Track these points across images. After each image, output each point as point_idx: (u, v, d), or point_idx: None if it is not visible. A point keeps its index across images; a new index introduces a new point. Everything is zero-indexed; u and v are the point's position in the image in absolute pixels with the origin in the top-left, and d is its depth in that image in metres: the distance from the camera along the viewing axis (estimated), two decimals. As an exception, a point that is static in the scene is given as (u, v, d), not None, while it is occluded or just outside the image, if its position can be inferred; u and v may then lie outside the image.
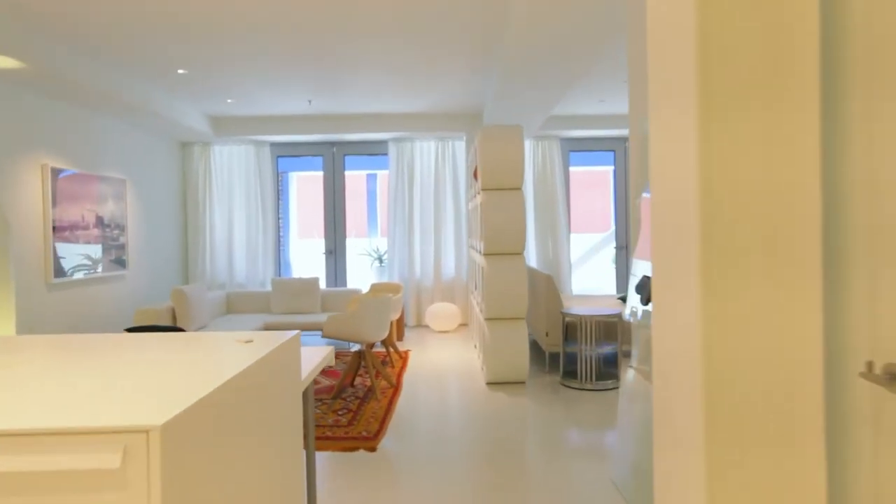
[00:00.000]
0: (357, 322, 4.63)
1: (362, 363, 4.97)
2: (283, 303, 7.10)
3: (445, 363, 5.97)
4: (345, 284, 8.40)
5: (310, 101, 6.74)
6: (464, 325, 8.11)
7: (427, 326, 7.93)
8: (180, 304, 5.82)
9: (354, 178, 8.43)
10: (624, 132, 7.83)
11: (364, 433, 3.91)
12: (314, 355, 2.77)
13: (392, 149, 8.13)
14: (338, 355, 6.33)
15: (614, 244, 8.64)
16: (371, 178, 10.65)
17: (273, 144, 8.28)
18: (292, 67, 5.42)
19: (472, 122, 7.70)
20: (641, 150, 2.94)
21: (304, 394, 2.46)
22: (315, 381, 5.26)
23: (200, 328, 6.09)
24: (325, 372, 5.59)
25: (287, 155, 8.44)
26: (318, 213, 11.70)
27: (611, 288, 8.81)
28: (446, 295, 8.16)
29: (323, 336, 4.78)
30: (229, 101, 6.64)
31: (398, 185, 8.13)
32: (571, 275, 8.23)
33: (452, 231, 8.15)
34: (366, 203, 10.58)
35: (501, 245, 4.95)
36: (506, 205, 4.91)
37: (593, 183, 11.06)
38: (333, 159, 8.34)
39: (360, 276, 9.63)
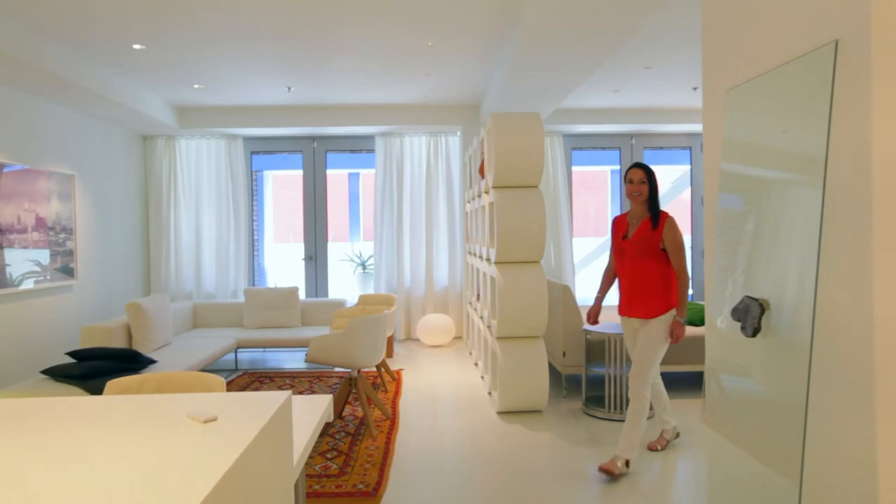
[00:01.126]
0: (348, 344, 3.88)
1: (353, 391, 4.20)
2: (257, 316, 6.30)
3: (445, 386, 5.24)
4: (326, 294, 7.62)
5: (289, 89, 5.97)
6: (458, 338, 7.39)
7: (418, 340, 7.20)
8: (137, 319, 4.99)
9: (335, 178, 7.65)
10: (636, 128, 7.20)
11: (361, 486, 3.16)
12: (305, 413, 2.03)
13: (379, 144, 7.38)
14: (320, 376, 5.55)
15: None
16: (353, 178, 9.88)
17: (247, 139, 7.46)
18: (269, 48, 4.65)
19: (468, 114, 7.00)
20: (731, 142, 2.26)
21: (296, 485, 1.72)
22: (296, 412, 4.48)
23: (162, 347, 5.26)
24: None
25: (262, 151, 7.62)
26: (295, 216, 10.88)
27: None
28: (439, 305, 7.43)
29: (307, 361, 4.02)
30: (197, 86, 5.82)
31: (386, 185, 7.39)
32: (575, 284, 7.57)
33: (446, 235, 7.43)
34: (347, 204, 9.81)
35: (517, 252, 4.24)
36: (523, 205, 4.21)
37: (589, 183, 10.44)
38: (314, 155, 7.55)
39: (343, 284, 8.84)
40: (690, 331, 4.85)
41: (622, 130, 7.38)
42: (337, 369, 5.85)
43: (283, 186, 10.50)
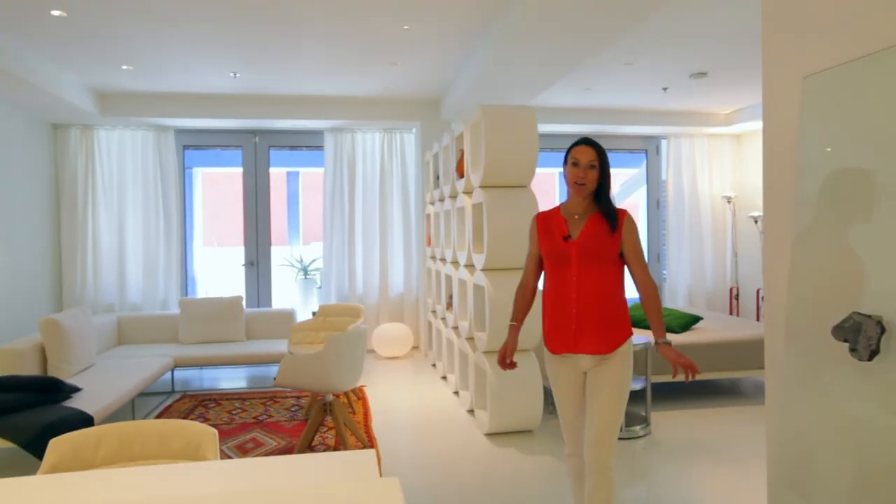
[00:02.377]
0: (324, 365, 3.36)
1: (327, 417, 3.68)
2: (195, 330, 5.58)
3: (416, 404, 4.78)
4: (269, 303, 6.95)
5: (235, 75, 5.31)
6: (415, 348, 6.94)
7: (373, 351, 6.69)
8: (53, 339, 4.22)
9: (272, 177, 6.99)
10: (603, 128, 7.02)
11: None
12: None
13: (329, 140, 6.81)
14: (273, 397, 4.94)
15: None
16: (292, 177, 9.20)
17: (179, 131, 6.67)
18: (217, 25, 4.03)
19: (427, 110, 6.57)
20: (811, 122, 1.99)
21: None
22: (255, 442, 3.90)
23: (84, 370, 4.48)
24: (268, 425, 4.23)
25: (197, 145, 6.85)
26: (227, 218, 9.99)
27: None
28: (394, 314, 6.95)
29: (275, 385, 3.46)
30: (125, 67, 5.05)
31: (336, 184, 6.83)
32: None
33: (401, 239, 6.96)
34: (286, 205, 9.11)
35: (508, 258, 3.87)
36: (515, 206, 3.84)
37: (535, 187, 10.22)
38: (256, 151, 6.87)
39: (283, 291, 8.16)
40: (675, 338, 4.67)
41: (581, 131, 7.20)
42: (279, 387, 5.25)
43: (212, 185, 9.65)
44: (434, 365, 5.96)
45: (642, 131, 7.30)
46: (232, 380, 5.79)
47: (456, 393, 4.93)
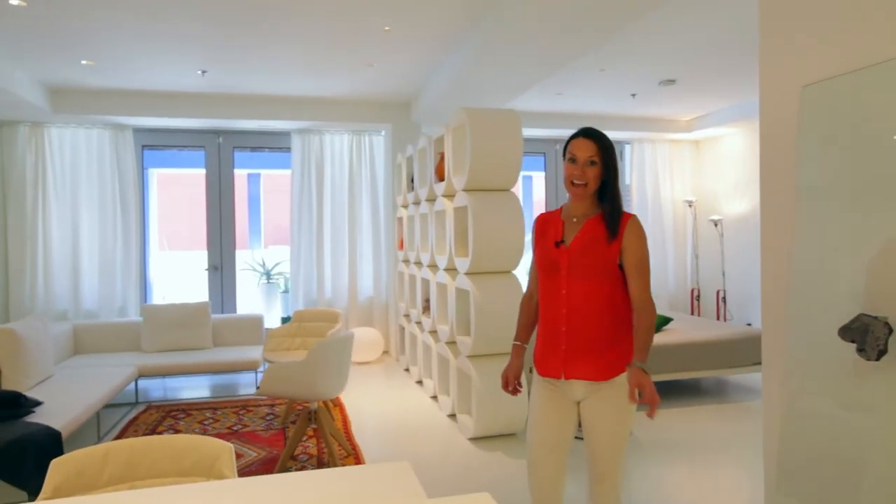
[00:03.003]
0: (310, 373, 3.26)
1: (311, 425, 3.58)
2: (159, 337, 5.35)
3: (395, 410, 4.72)
4: (234, 309, 6.74)
5: (203, 73, 5.13)
6: (386, 352, 6.85)
7: (343, 357, 6.54)
8: (10, 350, 3.97)
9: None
10: (570, 133, 7.12)
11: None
12: None
13: (296, 142, 6.66)
14: (246, 405, 4.78)
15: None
16: (253, 179, 8.96)
17: (138, 130, 6.39)
18: (188, 20, 3.88)
19: (397, 112, 6.51)
20: (809, 125, 2.06)
21: None
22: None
23: (42, 382, 4.23)
24: (245, 435, 4.08)
25: (157, 145, 6.58)
26: (185, 220, 9.63)
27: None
28: (363, 318, 6.85)
29: (259, 394, 3.34)
30: (85, 62, 4.80)
31: (304, 187, 6.68)
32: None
33: (370, 242, 6.87)
34: (247, 208, 8.87)
35: (493, 262, 3.87)
36: (500, 210, 3.84)
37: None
38: (219, 152, 6.66)
39: (247, 296, 7.92)
40: (668, 338, 4.75)
41: (550, 136, 7.30)
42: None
43: (168, 186, 9.31)
44: (407, 369, 5.90)
45: (609, 136, 7.43)
46: (196, 389, 5.57)
47: (434, 397, 4.89)
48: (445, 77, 5.02)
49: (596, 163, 1.98)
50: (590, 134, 2.03)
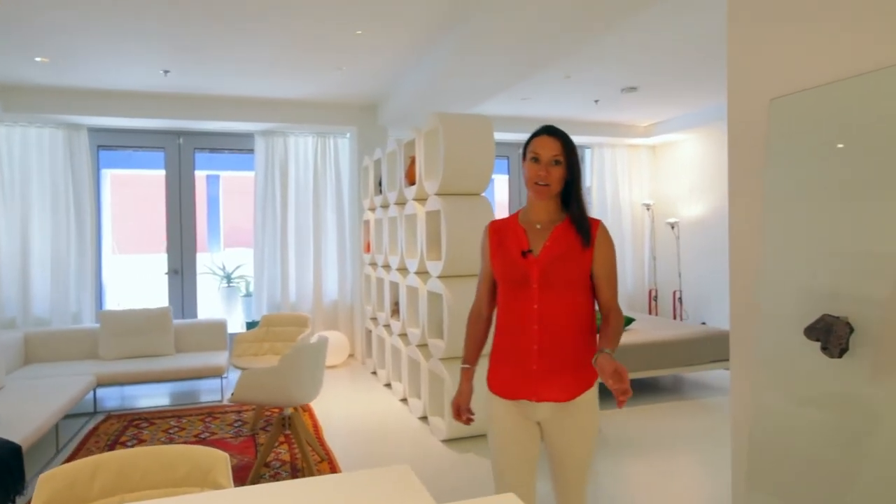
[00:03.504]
0: (285, 378, 3.24)
1: (284, 431, 3.55)
2: (118, 344, 5.20)
3: (364, 414, 4.71)
4: (195, 314, 6.58)
5: (166, 73, 5.00)
6: (351, 356, 6.82)
7: (308, 361, 6.48)
8: (-37, 360, 3.78)
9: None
10: (522, 137, 7.23)
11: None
12: None
13: (260, 143, 6.57)
14: (212, 412, 4.68)
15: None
16: (212, 180, 8.77)
17: (93, 130, 6.18)
18: (153, 18, 3.78)
19: (363, 115, 6.50)
20: (781, 128, 2.18)
21: None
22: (205, 463, 3.68)
23: (-4, 394, 4.05)
24: (214, 443, 3.99)
25: (113, 145, 6.38)
26: (141, 223, 9.32)
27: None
28: (328, 322, 6.80)
29: (232, 401, 3.30)
30: (39, 59, 4.62)
31: (267, 189, 6.59)
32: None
33: (335, 245, 6.83)
34: (206, 210, 8.67)
35: (467, 266, 3.92)
36: (472, 214, 3.90)
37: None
38: (180, 153, 6.50)
39: (207, 300, 7.75)
40: (631, 338, 4.89)
41: (515, 139, 7.41)
42: (227, 402, 5.00)
43: (122, 188, 9.01)
44: (375, 373, 5.90)
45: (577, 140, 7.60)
46: (156, 396, 5.42)
47: (404, 400, 4.91)
48: (414, 81, 5.05)
49: (560, 162, 1.82)
50: (553, 132, 1.86)
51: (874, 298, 1.84)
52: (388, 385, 5.37)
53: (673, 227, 7.53)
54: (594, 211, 7.79)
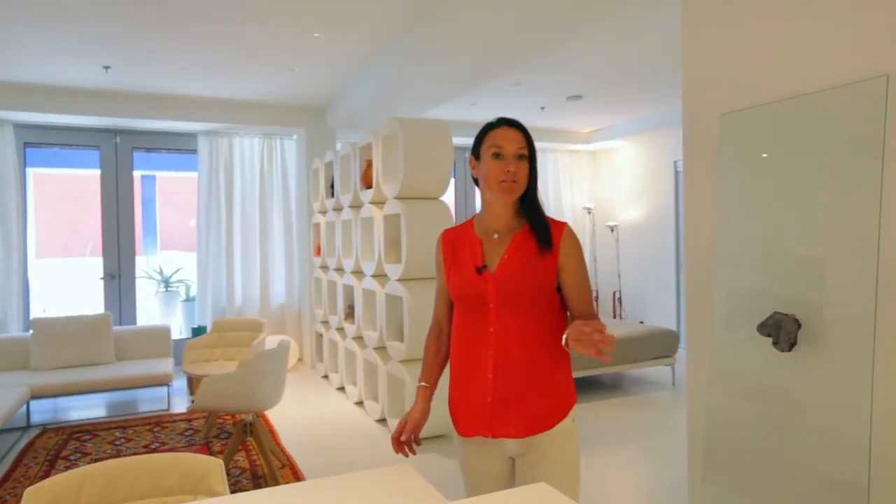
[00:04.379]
0: (249, 384, 3.19)
1: (246, 437, 3.49)
2: (53, 354, 4.93)
3: (319, 418, 4.68)
4: (133, 320, 6.31)
5: (107, 69, 4.79)
6: (300, 360, 6.73)
7: (255, 367, 6.34)
8: None
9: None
10: (470, 141, 7.36)
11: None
12: None
13: (203, 144, 6.38)
14: (160, 422, 4.51)
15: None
16: (147, 181, 8.41)
17: (20, 126, 5.82)
18: (93, 12, 3.63)
19: (312, 117, 6.43)
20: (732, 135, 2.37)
21: None
22: (159, 474, 3.56)
23: (-79, 409, 3.76)
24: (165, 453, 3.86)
25: (42, 143, 6.02)
26: (68, 224, 8.79)
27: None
28: (276, 326, 6.68)
29: (192, 409, 3.21)
30: (-33, 51, 4.33)
31: (211, 191, 6.41)
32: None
33: (282, 248, 6.72)
34: (140, 212, 8.30)
35: (426, 269, 3.97)
36: (432, 218, 3.96)
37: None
38: (116, 153, 6.22)
39: (144, 305, 7.43)
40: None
41: (461, 143, 7.51)
42: (177, 410, 4.84)
43: (45, 186, 8.49)
44: (326, 376, 5.85)
45: (514, 146, 7.80)
46: (92, 408, 5.16)
47: (360, 403, 4.90)
48: (366, 85, 5.06)
49: (525, 157, 1.58)
50: (514, 123, 1.61)
51: (818, 296, 2.04)
52: (342, 389, 5.35)
53: (612, 230, 7.85)
54: (538, 214, 7.99)
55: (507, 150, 1.57)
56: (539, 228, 1.60)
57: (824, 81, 2.01)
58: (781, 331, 2.14)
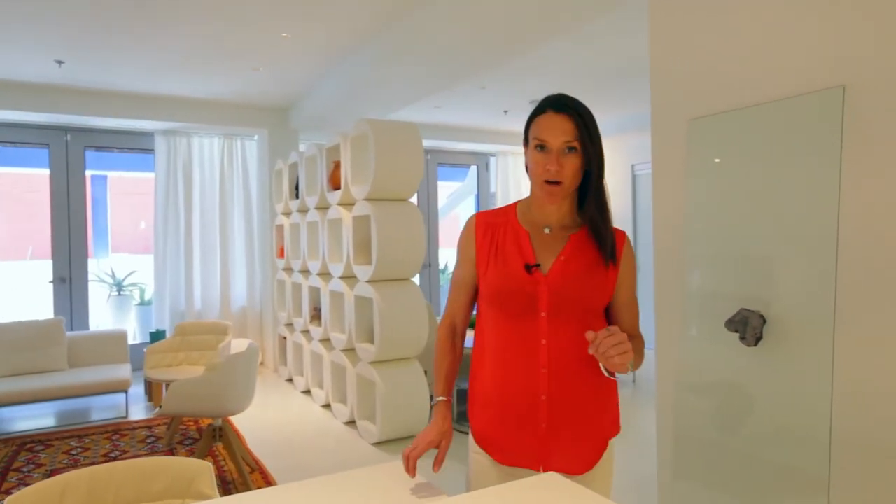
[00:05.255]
0: (219, 388, 3.14)
1: (216, 442, 3.43)
2: (2, 361, 4.69)
3: (285, 422, 4.61)
4: (86, 325, 6.08)
5: (60, 64, 4.61)
6: (262, 363, 6.61)
7: (215, 372, 6.20)
8: None
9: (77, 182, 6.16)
10: (442, 144, 7.41)
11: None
12: None
13: (161, 143, 6.20)
14: (119, 429, 4.36)
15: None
16: (98, 181, 8.11)
17: (-38, 123, 5.54)
18: (48, 4, 3.51)
19: (273, 117, 6.34)
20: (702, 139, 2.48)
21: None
22: (122, 483, 3.45)
23: None
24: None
25: (-13, 140, 5.75)
26: (9, 225, 8.36)
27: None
28: (237, 329, 6.55)
29: (159, 414, 3.13)
30: None
31: (169, 192, 6.24)
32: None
33: (244, 250, 6.60)
34: (90, 212, 8.00)
35: (396, 270, 3.98)
36: (402, 219, 3.97)
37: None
38: (67, 151, 5.98)
39: (96, 310, 7.16)
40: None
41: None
42: (135, 417, 4.69)
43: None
44: (290, 380, 5.77)
45: (477, 148, 7.89)
46: (40, 417, 4.93)
47: (327, 406, 4.86)
48: (331, 86, 5.04)
49: (576, 149, 1.33)
50: (564, 106, 1.35)
51: (782, 293, 2.15)
52: (308, 392, 5.29)
53: (572, 232, 8.01)
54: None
55: (551, 143, 1.32)
56: (603, 234, 1.37)
57: (784, 90, 2.13)
58: (748, 326, 2.26)
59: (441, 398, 1.47)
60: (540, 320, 1.35)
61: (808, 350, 2.05)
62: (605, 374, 1.37)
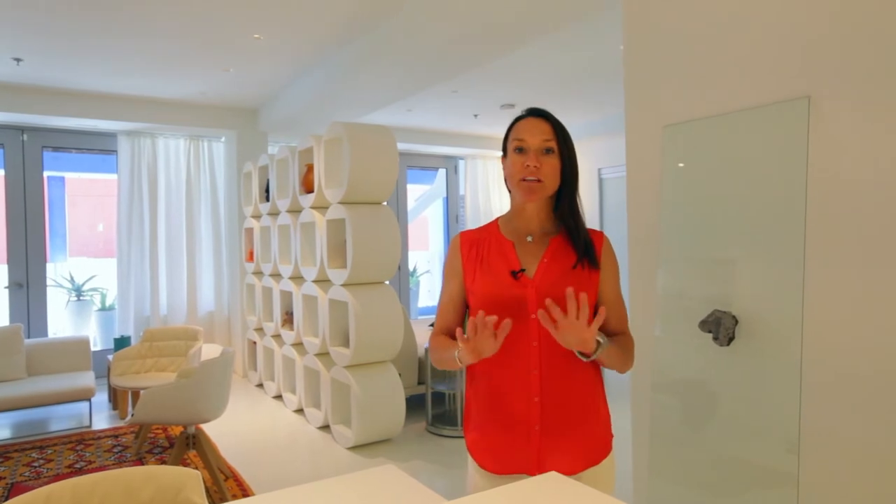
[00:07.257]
0: (194, 394, 3.08)
1: (189, 450, 3.36)
2: (-44, 370, 4.50)
3: (258, 427, 4.55)
4: (45, 332, 5.88)
5: (18, 62, 4.45)
6: (229, 370, 6.49)
7: (182, 378, 6.06)
8: None
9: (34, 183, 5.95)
10: (411, 147, 7.40)
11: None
12: None
13: (124, 144, 6.04)
14: (83, 439, 4.23)
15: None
16: (54, 183, 7.83)
17: (-88, 121, 5.29)
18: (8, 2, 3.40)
19: (242, 119, 6.25)
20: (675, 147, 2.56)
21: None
22: (90, 494, 3.35)
23: None
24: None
25: (-62, 140, 5.50)
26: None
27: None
28: (205, 334, 6.40)
29: (132, 422, 3.05)
30: None
31: (134, 194, 6.08)
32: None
33: (211, 253, 6.48)
34: (48, 215, 7.73)
35: (371, 273, 3.97)
36: (378, 222, 3.96)
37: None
38: (24, 151, 5.77)
39: (54, 316, 6.92)
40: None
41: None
42: (99, 427, 4.55)
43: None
44: (261, 385, 5.69)
45: (446, 151, 7.92)
46: (0, 428, 4.75)
47: (300, 411, 4.81)
48: (303, 89, 5.00)
49: (553, 151, 1.40)
50: (542, 113, 1.45)
51: (753, 295, 2.24)
52: (279, 397, 5.22)
53: (540, 235, 8.11)
54: (467, 219, 8.16)
55: (530, 143, 1.39)
56: (579, 240, 1.42)
57: (754, 100, 2.22)
58: (721, 327, 2.34)
59: (459, 347, 1.34)
60: (529, 322, 1.38)
61: (778, 349, 2.14)
62: (578, 355, 1.38)
